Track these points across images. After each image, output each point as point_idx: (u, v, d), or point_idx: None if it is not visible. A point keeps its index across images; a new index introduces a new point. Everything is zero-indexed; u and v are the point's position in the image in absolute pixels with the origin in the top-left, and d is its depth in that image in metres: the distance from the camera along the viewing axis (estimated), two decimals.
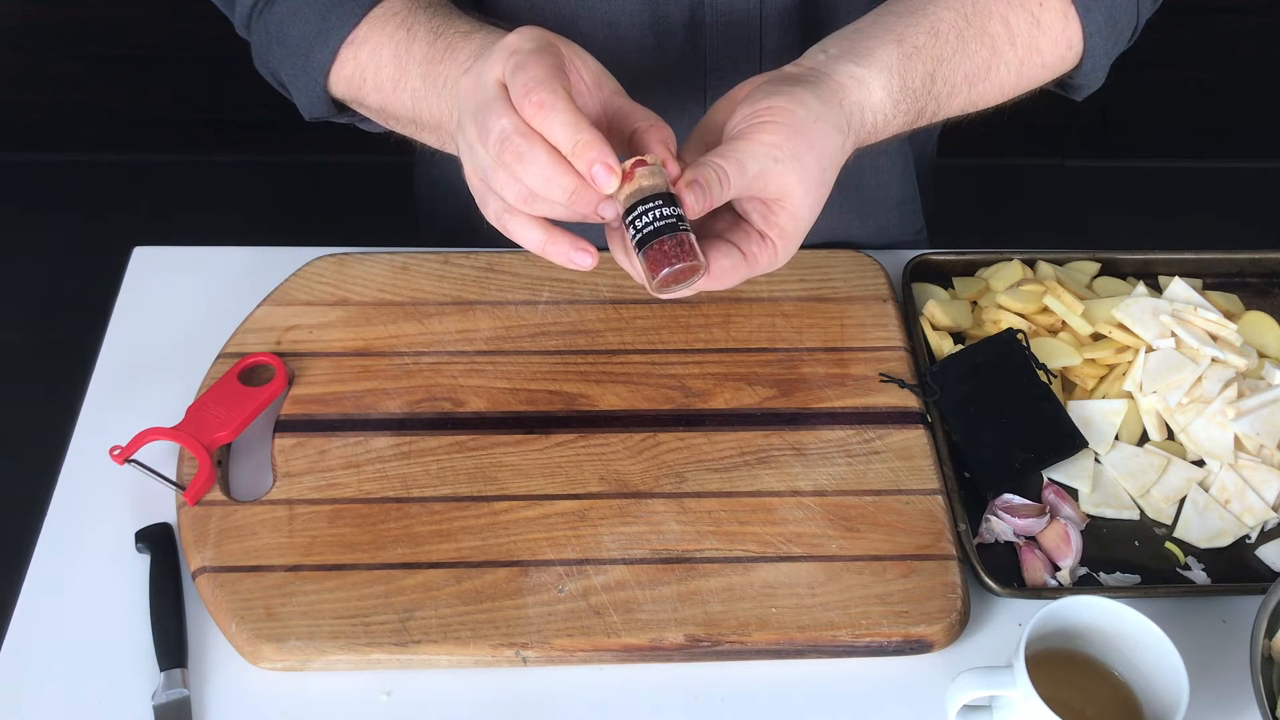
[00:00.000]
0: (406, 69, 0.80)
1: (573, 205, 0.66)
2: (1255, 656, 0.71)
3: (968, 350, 0.90)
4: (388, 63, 0.81)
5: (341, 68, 0.83)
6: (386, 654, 0.75)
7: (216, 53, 0.92)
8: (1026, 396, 0.88)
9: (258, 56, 0.89)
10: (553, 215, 0.69)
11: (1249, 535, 0.85)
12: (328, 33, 0.82)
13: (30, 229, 2.17)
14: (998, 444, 0.86)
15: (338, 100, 0.86)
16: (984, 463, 0.86)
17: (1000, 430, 0.87)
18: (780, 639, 0.77)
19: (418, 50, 0.79)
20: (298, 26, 0.83)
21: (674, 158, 0.68)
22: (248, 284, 0.95)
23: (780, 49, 0.92)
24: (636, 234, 0.66)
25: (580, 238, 0.69)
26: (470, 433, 0.86)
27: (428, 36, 0.79)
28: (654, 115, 0.70)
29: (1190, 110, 2.26)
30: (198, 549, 0.80)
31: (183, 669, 0.76)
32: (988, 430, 0.86)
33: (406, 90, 0.80)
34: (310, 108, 0.87)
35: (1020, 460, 0.86)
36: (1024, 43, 0.83)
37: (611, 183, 0.65)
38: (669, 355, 0.92)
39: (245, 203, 2.18)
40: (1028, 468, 0.86)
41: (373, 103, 0.83)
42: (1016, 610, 0.80)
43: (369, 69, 0.82)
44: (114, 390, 0.90)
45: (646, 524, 0.82)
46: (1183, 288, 0.94)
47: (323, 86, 0.84)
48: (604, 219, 0.67)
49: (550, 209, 0.68)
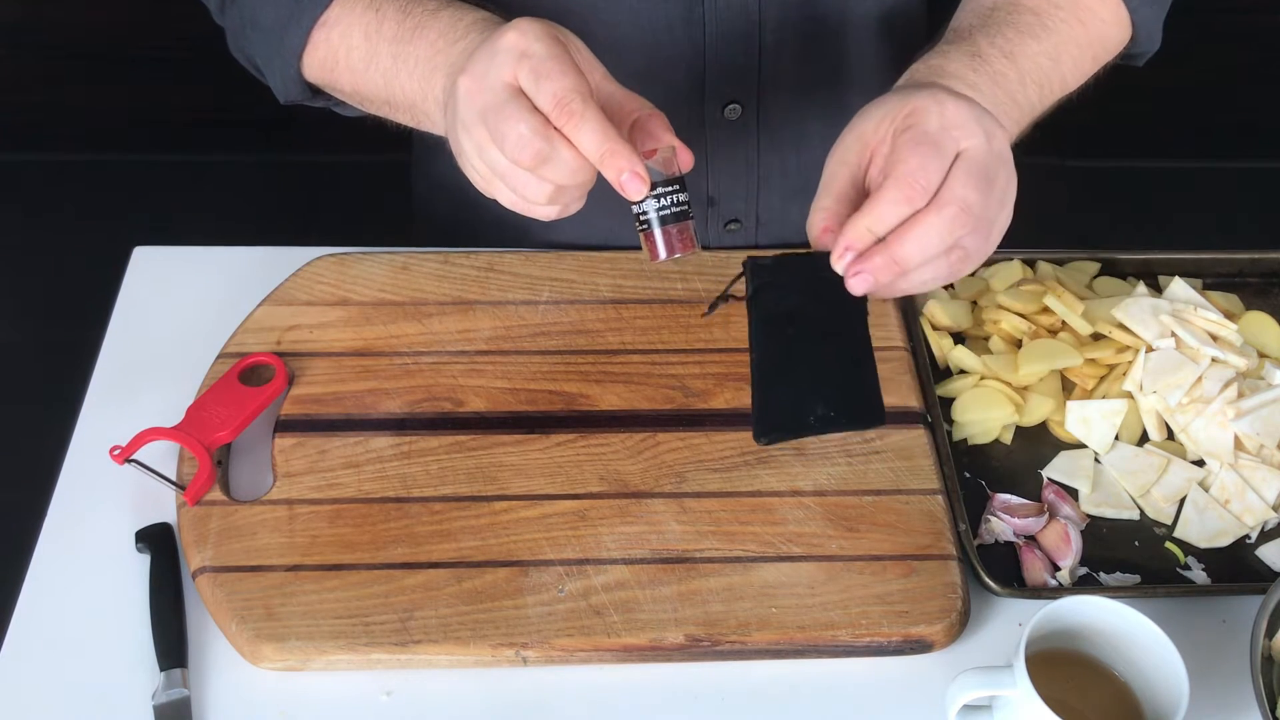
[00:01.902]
0: (377, 49, 0.80)
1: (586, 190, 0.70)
2: (1255, 656, 0.71)
3: (811, 258, 0.72)
4: (359, 44, 0.81)
5: (314, 50, 0.84)
6: (386, 654, 0.75)
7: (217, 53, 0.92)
8: (850, 345, 0.75)
9: (232, 42, 0.89)
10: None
11: (1249, 535, 0.85)
12: (300, 15, 0.83)
13: (30, 229, 2.17)
14: (799, 385, 0.74)
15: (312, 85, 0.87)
16: (775, 401, 0.74)
17: (808, 370, 0.74)
18: (780, 639, 0.77)
19: (387, 30, 0.80)
20: (270, 10, 0.84)
21: (685, 146, 0.70)
22: (248, 284, 0.95)
23: (779, 44, 0.92)
24: (652, 214, 0.70)
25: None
26: (470, 433, 0.86)
27: (396, 16, 0.80)
28: (648, 103, 0.71)
29: (1190, 110, 2.26)
30: (198, 549, 0.80)
31: (183, 669, 0.76)
32: (796, 364, 0.74)
33: (378, 70, 0.80)
34: (285, 91, 0.87)
35: (817, 415, 0.74)
36: (1097, 40, 0.88)
37: (641, 190, 0.67)
38: (669, 355, 0.92)
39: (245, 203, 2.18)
40: (822, 426, 0.75)
41: (346, 85, 0.84)
42: (1016, 610, 0.80)
43: (340, 50, 0.82)
44: (114, 390, 0.90)
45: (646, 524, 0.82)
46: (1183, 288, 0.94)
47: (296, 69, 0.85)
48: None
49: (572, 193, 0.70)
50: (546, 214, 0.72)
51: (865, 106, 0.73)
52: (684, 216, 0.70)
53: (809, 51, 0.93)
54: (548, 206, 0.71)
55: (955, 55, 0.79)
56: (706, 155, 0.99)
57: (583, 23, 0.90)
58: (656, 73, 0.93)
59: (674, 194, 0.70)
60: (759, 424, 0.74)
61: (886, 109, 0.70)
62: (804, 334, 0.74)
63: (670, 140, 0.70)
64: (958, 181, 0.66)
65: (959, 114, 0.68)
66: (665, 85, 0.93)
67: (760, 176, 1.01)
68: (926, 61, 0.79)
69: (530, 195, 0.69)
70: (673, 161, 0.70)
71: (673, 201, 0.70)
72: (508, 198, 0.71)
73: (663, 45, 0.92)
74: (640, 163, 0.67)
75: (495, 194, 0.72)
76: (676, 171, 0.70)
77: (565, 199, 0.70)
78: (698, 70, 0.94)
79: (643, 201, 0.70)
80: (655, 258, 0.71)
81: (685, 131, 0.96)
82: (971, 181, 0.66)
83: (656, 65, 0.93)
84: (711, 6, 0.90)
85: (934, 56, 0.79)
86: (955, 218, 0.66)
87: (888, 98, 0.72)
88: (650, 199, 0.70)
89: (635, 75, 0.76)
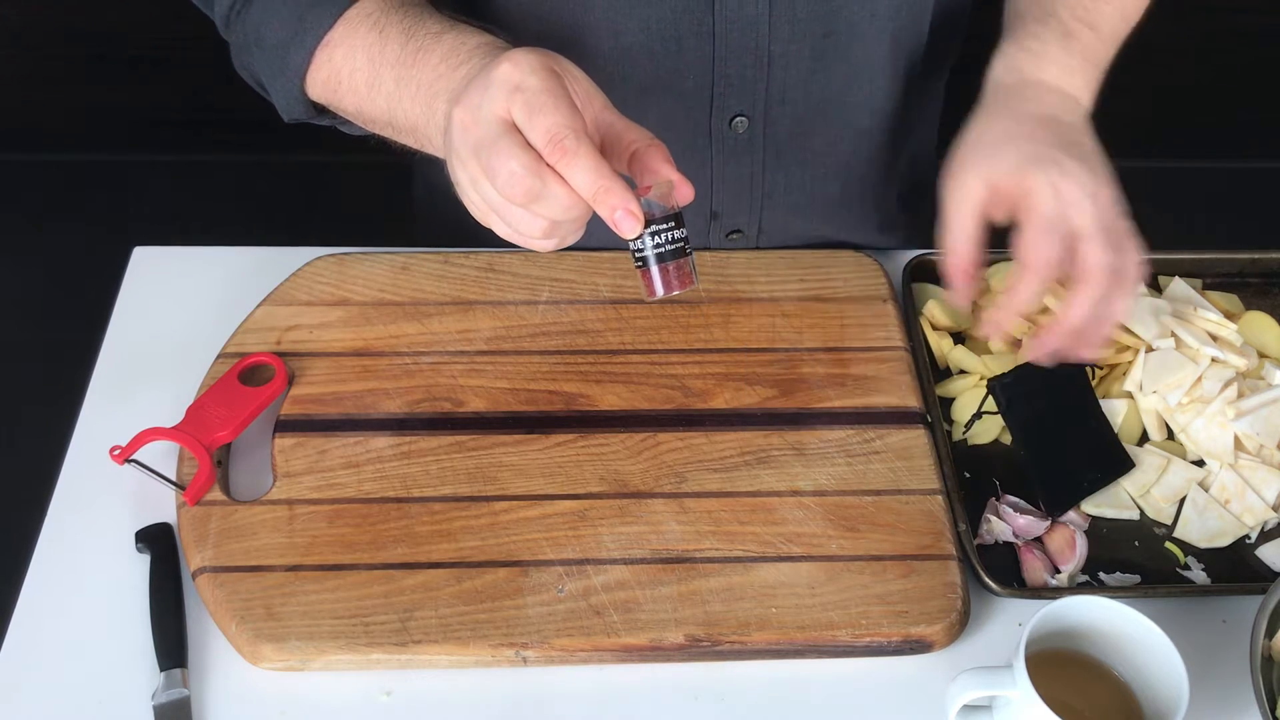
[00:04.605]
0: (380, 72, 0.80)
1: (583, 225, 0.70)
2: (1255, 656, 0.71)
3: (1034, 364, 0.85)
4: (362, 65, 0.81)
5: (318, 70, 0.83)
6: (386, 654, 0.75)
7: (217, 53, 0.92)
8: (1086, 415, 0.88)
9: (237, 58, 0.89)
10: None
11: (1249, 535, 0.85)
12: (303, 34, 0.82)
13: (30, 229, 2.17)
14: (1065, 463, 0.85)
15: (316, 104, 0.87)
16: (1053, 483, 0.85)
17: (1066, 450, 0.86)
18: (780, 639, 0.77)
19: (390, 53, 0.79)
20: (274, 28, 0.84)
21: (685, 179, 0.69)
22: (248, 284, 0.95)
23: (787, 54, 0.92)
24: (649, 251, 0.69)
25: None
26: (470, 433, 0.86)
27: (400, 38, 0.79)
28: (648, 133, 0.70)
29: (1190, 110, 2.26)
30: (198, 549, 0.80)
31: (183, 669, 0.76)
32: (1055, 449, 0.86)
33: (381, 93, 0.80)
34: (289, 109, 0.87)
35: (1089, 480, 0.85)
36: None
37: (635, 228, 0.66)
38: (669, 355, 0.92)
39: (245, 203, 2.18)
40: (1092, 487, 0.85)
41: (349, 105, 0.84)
42: (1016, 610, 0.80)
43: (344, 71, 0.82)
44: (114, 390, 0.90)
45: (646, 524, 0.82)
46: (1183, 288, 0.94)
47: (300, 89, 0.84)
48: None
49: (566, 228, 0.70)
50: (543, 247, 0.71)
51: (975, 139, 0.81)
52: (681, 253, 0.69)
53: (817, 67, 0.93)
54: (544, 240, 0.70)
55: (1049, 39, 0.84)
56: (712, 168, 0.98)
57: (592, 33, 0.90)
58: (665, 84, 0.92)
59: (670, 230, 0.68)
60: (1049, 505, 0.84)
61: (1004, 167, 0.77)
62: (1055, 423, 0.87)
63: (670, 174, 0.69)
64: (1091, 256, 0.75)
65: (1071, 192, 0.76)
66: (674, 97, 0.93)
67: (765, 191, 1.01)
68: (1023, 46, 0.84)
69: (525, 230, 0.69)
70: (670, 196, 0.68)
71: (669, 239, 0.68)
72: (503, 230, 0.71)
73: (672, 56, 0.91)
74: (634, 200, 0.66)
75: (491, 225, 0.71)
76: (674, 207, 0.69)
77: (561, 233, 0.70)
78: (706, 83, 0.93)
79: (639, 239, 0.68)
80: (652, 294, 0.70)
81: (692, 145, 0.97)
82: (1097, 248, 0.75)
83: (665, 77, 0.92)
84: (722, 19, 0.90)
85: (1030, 41, 0.84)
86: (1098, 281, 0.75)
87: (1004, 148, 0.78)
88: (646, 235, 0.68)
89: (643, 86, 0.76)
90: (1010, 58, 0.85)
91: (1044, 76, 0.83)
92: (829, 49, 0.92)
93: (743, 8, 0.89)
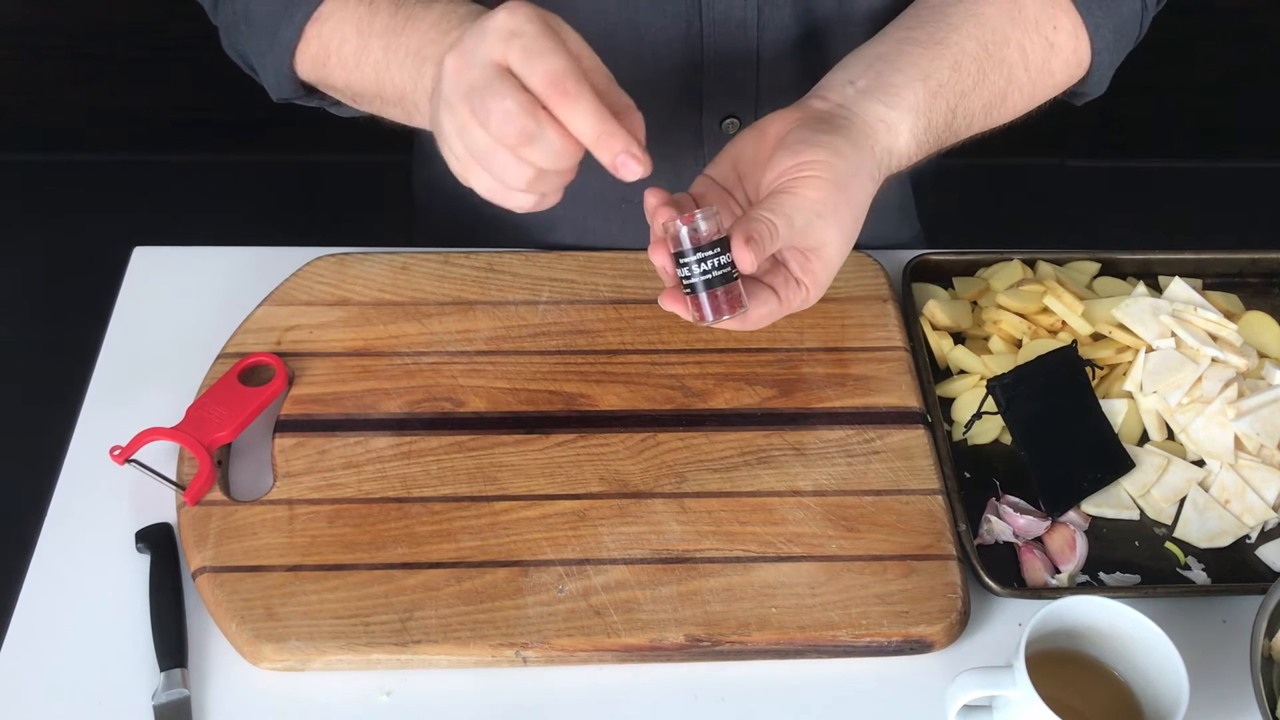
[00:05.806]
0: (369, 42, 0.79)
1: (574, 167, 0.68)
2: (1255, 656, 0.71)
3: (1034, 364, 0.88)
4: (350, 37, 0.81)
5: (306, 45, 0.83)
6: (386, 654, 0.75)
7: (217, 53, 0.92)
8: (1086, 415, 0.88)
9: (226, 39, 0.89)
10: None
11: (1249, 535, 0.85)
12: (293, 9, 0.82)
13: (30, 229, 2.17)
14: (1065, 464, 0.86)
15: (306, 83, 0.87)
16: (1053, 483, 0.85)
17: (1065, 450, 0.86)
18: (780, 639, 0.77)
19: (379, 22, 0.79)
20: (263, 5, 0.84)
21: (646, 155, 0.67)
22: (248, 284, 0.95)
23: (777, 57, 0.92)
24: (696, 278, 0.70)
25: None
26: (470, 433, 0.86)
27: (389, 8, 0.79)
28: (629, 101, 0.69)
29: (1190, 110, 2.26)
30: (198, 549, 0.80)
31: (183, 669, 0.76)
32: (1055, 449, 0.86)
33: (369, 64, 0.80)
34: (278, 89, 0.87)
35: (1089, 480, 0.86)
36: (1037, 67, 0.84)
37: (637, 171, 0.65)
38: (669, 355, 0.92)
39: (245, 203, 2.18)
40: (1092, 486, 0.86)
41: (337, 80, 0.83)
42: (1016, 610, 0.80)
43: (332, 44, 0.82)
44: (114, 390, 0.90)
45: (646, 524, 0.82)
46: (1183, 288, 0.94)
47: (289, 65, 0.84)
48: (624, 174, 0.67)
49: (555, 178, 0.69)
50: (522, 203, 0.70)
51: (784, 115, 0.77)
52: (729, 278, 0.70)
53: (806, 67, 0.93)
54: (525, 194, 0.69)
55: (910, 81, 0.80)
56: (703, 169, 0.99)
57: (580, 35, 0.90)
58: (654, 86, 0.92)
59: (717, 255, 0.69)
60: (1049, 505, 0.84)
61: (794, 148, 0.74)
62: (1054, 423, 0.86)
63: (713, 202, 0.70)
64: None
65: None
66: (663, 98, 0.93)
67: None
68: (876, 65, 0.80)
69: (509, 179, 0.67)
70: (716, 221, 0.69)
71: (715, 265, 0.69)
72: (484, 184, 0.69)
73: (660, 59, 0.91)
74: (636, 144, 0.65)
75: (471, 180, 0.70)
76: (720, 232, 0.69)
77: (544, 187, 0.69)
78: (695, 84, 0.93)
79: (685, 264, 0.69)
80: (702, 320, 0.71)
81: (683, 145, 0.96)
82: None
83: (654, 78, 0.92)
84: (709, 21, 0.90)
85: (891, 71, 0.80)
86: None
87: (801, 131, 0.75)
88: (694, 262, 0.69)
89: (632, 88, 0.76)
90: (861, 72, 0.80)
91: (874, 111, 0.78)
92: (818, 49, 0.92)
93: (730, 11, 0.89)
